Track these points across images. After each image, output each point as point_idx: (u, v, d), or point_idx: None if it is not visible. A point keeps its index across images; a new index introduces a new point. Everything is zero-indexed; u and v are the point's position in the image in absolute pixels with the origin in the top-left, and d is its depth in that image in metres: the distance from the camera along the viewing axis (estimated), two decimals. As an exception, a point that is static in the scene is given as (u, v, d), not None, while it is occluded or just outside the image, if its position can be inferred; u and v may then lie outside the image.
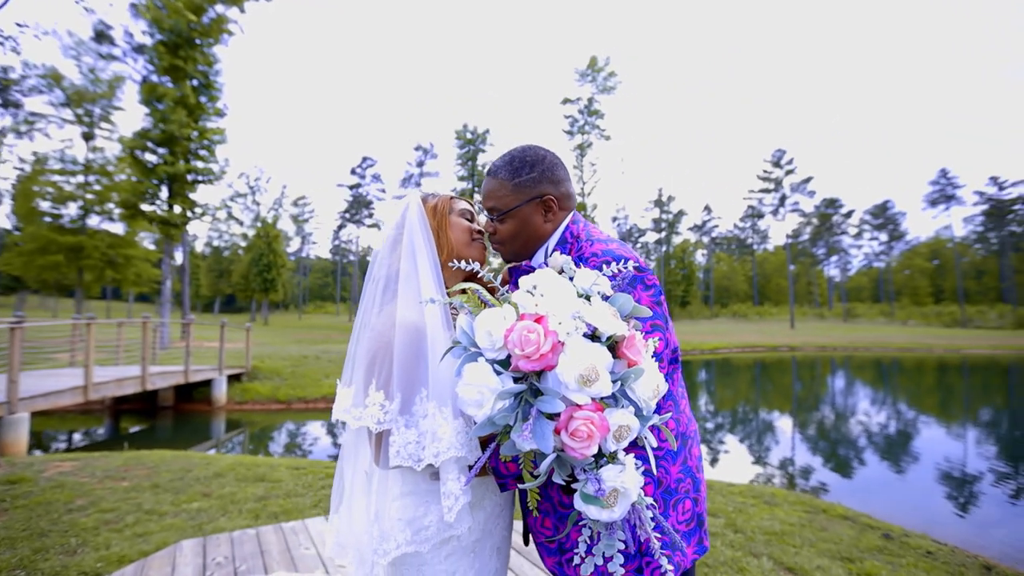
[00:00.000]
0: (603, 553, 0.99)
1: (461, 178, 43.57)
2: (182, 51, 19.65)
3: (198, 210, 21.54)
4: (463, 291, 1.07)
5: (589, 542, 0.98)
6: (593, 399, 0.89)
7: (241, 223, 67.31)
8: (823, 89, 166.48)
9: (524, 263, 1.36)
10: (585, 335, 0.91)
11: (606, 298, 0.98)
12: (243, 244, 67.73)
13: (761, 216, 67.60)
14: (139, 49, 20.99)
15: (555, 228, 1.32)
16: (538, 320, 0.88)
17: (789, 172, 61.91)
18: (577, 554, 1.00)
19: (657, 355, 1.11)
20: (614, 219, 77.72)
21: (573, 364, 0.86)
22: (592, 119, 44.96)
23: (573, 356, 0.87)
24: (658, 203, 71.41)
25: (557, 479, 0.92)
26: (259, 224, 60.50)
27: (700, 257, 79.10)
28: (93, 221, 29.16)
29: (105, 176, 28.20)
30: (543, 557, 1.30)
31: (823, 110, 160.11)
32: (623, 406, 0.91)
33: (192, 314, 32.77)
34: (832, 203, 66.36)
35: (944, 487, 7.55)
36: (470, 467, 1.10)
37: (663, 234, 71.10)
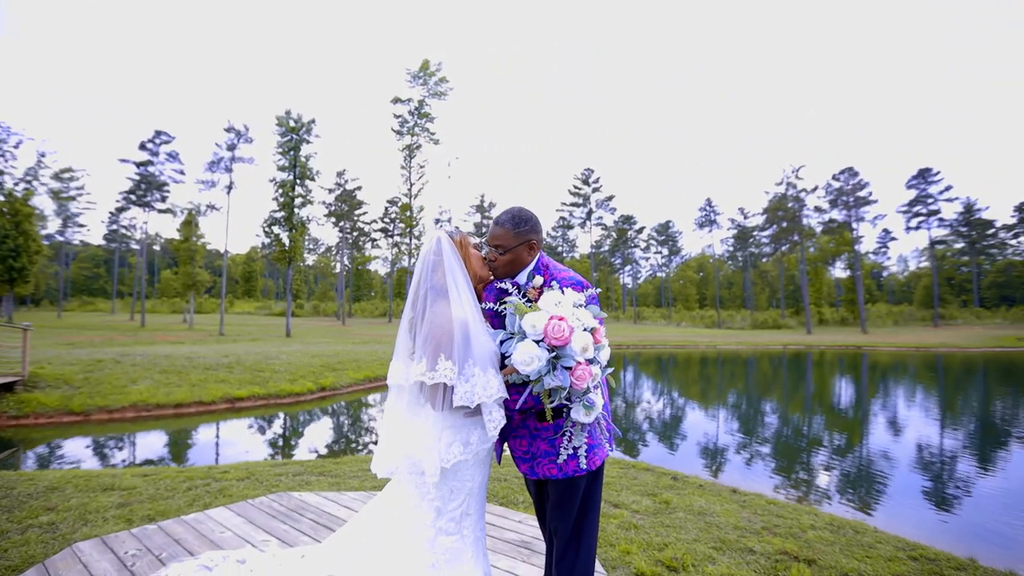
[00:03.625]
0: (574, 446, 1.84)
1: (282, 168, 40.30)
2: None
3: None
4: (506, 300, 1.81)
5: (571, 438, 1.82)
6: (586, 360, 1.71)
7: (-29, 195, 52.95)
8: (625, 112, 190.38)
9: (511, 280, 2.13)
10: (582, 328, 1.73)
11: (584, 306, 1.81)
12: (-26, 222, 53.42)
13: (571, 227, 75.10)
14: None
15: (532, 260, 2.12)
16: (560, 319, 1.68)
17: (596, 190, 70.08)
18: (562, 447, 1.82)
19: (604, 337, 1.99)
20: (437, 221, 78.84)
21: (578, 342, 1.68)
22: (422, 122, 45.55)
23: (578, 338, 1.69)
24: (480, 208, 74.72)
25: (565, 402, 1.73)
26: (1, 198, 48.43)
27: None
28: None
29: None
30: (518, 465, 2.09)
31: (623, 132, 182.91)
32: (596, 364, 1.76)
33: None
34: (628, 219, 76.55)
35: (704, 455, 9.97)
36: (506, 401, 1.85)
37: (483, 239, 74.70)
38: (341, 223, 69.21)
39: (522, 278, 2.12)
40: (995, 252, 68.16)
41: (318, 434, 11.11)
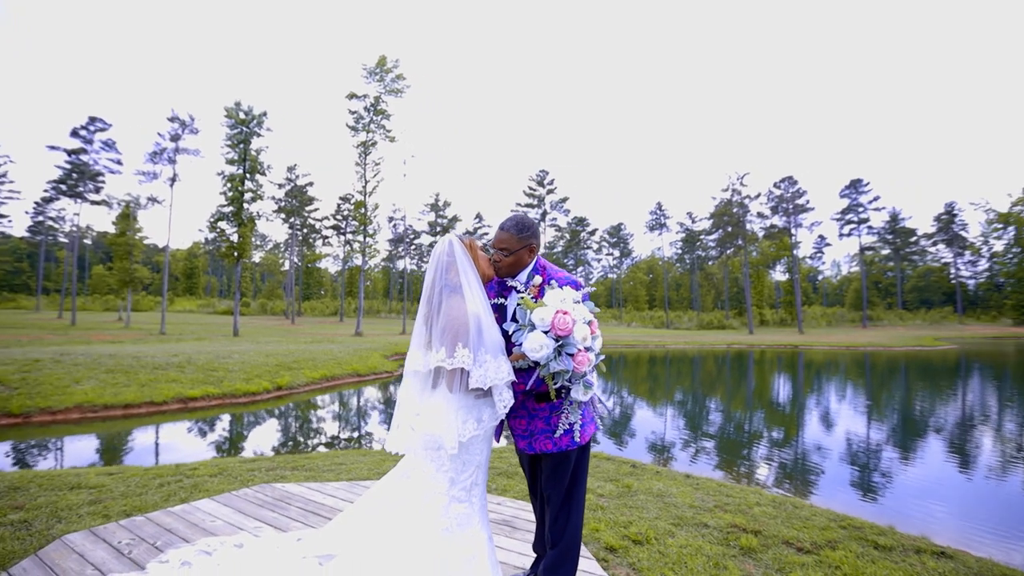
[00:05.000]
0: (570, 422, 2.15)
1: (231, 161, 38.80)
2: None
3: None
4: (522, 296, 2.09)
5: (567, 415, 2.13)
6: (584, 348, 2.02)
7: None
8: (579, 116, 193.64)
9: (512, 279, 2.43)
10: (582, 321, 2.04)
11: (581, 302, 2.13)
12: None
13: (526, 228, 75.75)
14: None
15: (531, 261, 2.42)
16: (565, 313, 1.98)
17: (550, 191, 71.08)
18: (559, 424, 2.13)
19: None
20: (390, 219, 77.80)
21: (579, 332, 1.99)
22: (378, 118, 44.91)
23: (579, 329, 1.99)
24: (434, 207, 74.31)
25: (566, 384, 2.03)
26: (-90, 185, 44.53)
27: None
28: None
29: None
30: (517, 442, 2.39)
31: (578, 135, 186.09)
32: (591, 351, 2.07)
33: None
34: (581, 221, 78.04)
35: (658, 445, 10.56)
36: (514, 383, 2.14)
37: (437, 238, 74.24)
38: (291, 219, 67.32)
39: (522, 277, 2.42)
40: (916, 258, 73.71)
41: (280, 432, 11.01)
